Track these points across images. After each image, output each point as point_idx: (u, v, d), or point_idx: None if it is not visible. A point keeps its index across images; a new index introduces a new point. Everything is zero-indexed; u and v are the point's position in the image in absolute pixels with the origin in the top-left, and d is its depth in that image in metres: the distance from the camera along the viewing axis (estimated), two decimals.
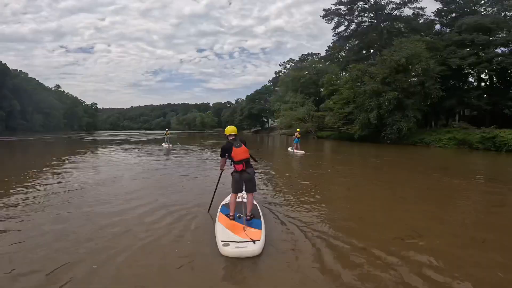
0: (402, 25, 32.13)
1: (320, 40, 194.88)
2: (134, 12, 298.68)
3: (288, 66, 66.96)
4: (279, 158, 18.16)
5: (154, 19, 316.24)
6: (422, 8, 32.43)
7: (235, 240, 4.05)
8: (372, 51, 33.33)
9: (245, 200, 5.20)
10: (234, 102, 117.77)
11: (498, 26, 27.69)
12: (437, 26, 35.56)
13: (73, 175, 10.13)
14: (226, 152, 4.91)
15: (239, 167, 4.81)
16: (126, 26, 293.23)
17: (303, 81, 46.12)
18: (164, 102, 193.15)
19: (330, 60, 47.31)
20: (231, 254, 3.83)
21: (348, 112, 33.72)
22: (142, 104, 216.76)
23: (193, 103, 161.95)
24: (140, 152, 19.97)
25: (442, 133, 30.07)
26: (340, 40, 38.83)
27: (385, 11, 31.57)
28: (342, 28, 35.87)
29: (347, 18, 34.26)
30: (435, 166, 14.65)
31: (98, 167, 12.59)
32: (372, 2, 31.86)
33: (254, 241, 3.97)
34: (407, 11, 31.79)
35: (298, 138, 19.12)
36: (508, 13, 29.10)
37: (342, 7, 32.95)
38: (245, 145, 4.87)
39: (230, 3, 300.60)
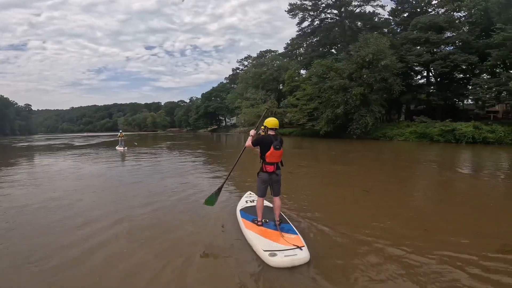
0: (363, 23, 32.80)
1: (273, 38, 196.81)
2: (76, 7, 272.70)
3: (245, 63, 65.90)
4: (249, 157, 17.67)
5: (99, 15, 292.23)
6: (383, 6, 33.81)
7: (280, 249, 3.81)
8: (336, 47, 33.53)
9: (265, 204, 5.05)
10: (188, 101, 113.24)
11: (450, 25, 29.38)
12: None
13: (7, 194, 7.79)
14: (261, 145, 4.50)
15: (271, 168, 4.50)
16: (66, 21, 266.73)
17: (264, 77, 45.20)
18: (110, 102, 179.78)
19: (289, 56, 47.13)
20: (281, 264, 3.59)
21: (313, 108, 33.46)
22: (84, 104, 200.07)
23: (143, 103, 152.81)
24: (91, 158, 17.15)
25: (403, 127, 31.19)
26: (304, 35, 38.59)
27: (349, 8, 31.89)
28: (306, 23, 35.75)
29: (312, 13, 34.04)
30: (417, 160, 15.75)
31: (38, 182, 9.87)
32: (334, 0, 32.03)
33: (300, 248, 3.81)
34: (369, 9, 32.90)
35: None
36: (456, 14, 31.12)
37: (308, 2, 32.70)
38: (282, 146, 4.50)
39: (183, 0, 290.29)
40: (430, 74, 33.69)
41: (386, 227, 5.01)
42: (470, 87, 32.94)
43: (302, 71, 46.93)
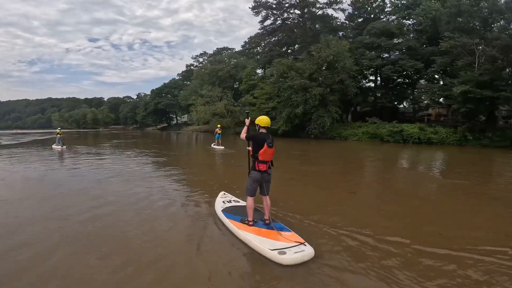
0: (323, 25, 33.40)
1: (228, 37, 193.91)
2: None
3: (201, 59, 63.71)
4: (206, 156, 17.17)
5: (36, 3, 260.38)
6: (344, 10, 34.82)
7: (285, 247, 3.85)
8: (296, 47, 33.63)
9: (240, 203, 5.49)
10: (135, 97, 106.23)
11: (400, 32, 31.29)
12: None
13: None
14: (254, 143, 4.48)
15: (263, 166, 4.48)
16: None
17: (220, 74, 43.80)
18: (43, 96, 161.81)
19: (246, 55, 46.47)
20: (293, 261, 3.64)
21: (271, 108, 33.18)
22: (13, 98, 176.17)
23: (83, 98, 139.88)
24: (26, 159, 14.54)
25: (355, 127, 32.48)
26: (266, 33, 38.14)
27: (311, 9, 32.17)
28: (268, 22, 35.29)
29: (275, 12, 33.67)
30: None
31: None
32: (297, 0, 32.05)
33: (304, 244, 3.93)
34: (328, 12, 33.49)
35: (219, 134, 19.53)
36: (405, 21, 33.33)
37: (272, 0, 32.33)
38: None
39: None
40: (379, 78, 35.67)
41: (372, 222, 5.27)
42: (415, 91, 35.77)
43: (260, 70, 46.70)
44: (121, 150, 19.77)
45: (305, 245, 3.90)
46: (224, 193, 6.28)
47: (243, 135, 4.65)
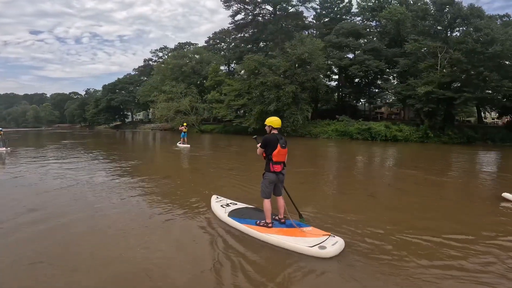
0: (295, 23, 33.05)
1: (186, 33, 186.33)
2: None
3: (160, 54, 60.15)
4: (172, 156, 15.82)
5: None
6: (316, 9, 34.81)
7: (320, 241, 3.96)
8: (269, 43, 32.80)
9: (239, 205, 5.46)
10: (83, 93, 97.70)
11: (367, 33, 32.20)
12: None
13: None
14: (268, 146, 4.45)
15: (278, 167, 4.48)
16: None
17: (184, 70, 41.50)
18: None
19: (210, 50, 44.68)
20: (334, 253, 3.78)
21: (241, 105, 32.12)
22: None
23: (22, 94, 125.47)
24: None
25: (324, 125, 32.79)
26: (236, 28, 36.73)
27: (284, 6, 31.52)
28: (239, 17, 33.94)
29: (247, 7, 32.49)
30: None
31: None
32: None
33: (332, 235, 4.12)
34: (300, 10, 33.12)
35: (184, 132, 19.14)
36: (370, 23, 34.47)
37: None
38: None
39: None
40: (343, 77, 36.55)
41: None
42: (376, 90, 37.29)
43: (224, 67, 45.31)
44: (76, 153, 17.10)
45: (333, 236, 4.12)
46: (217, 197, 5.94)
47: (258, 151, 4.58)
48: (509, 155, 19.04)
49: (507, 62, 24.79)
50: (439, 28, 27.11)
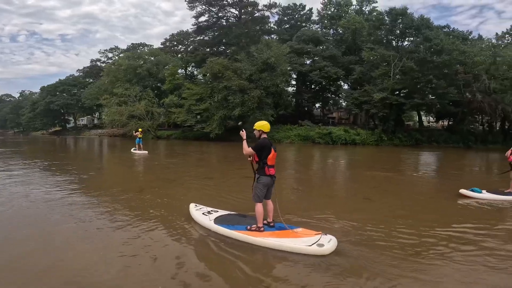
0: (259, 27, 32.84)
1: (138, 34, 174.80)
2: None
3: (110, 54, 55.79)
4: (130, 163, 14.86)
5: None
6: (280, 14, 34.90)
7: (316, 240, 4.13)
8: (233, 48, 32.01)
9: (221, 212, 5.31)
10: (17, 96, 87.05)
11: (327, 40, 33.35)
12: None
13: None
14: (263, 150, 4.45)
15: (273, 171, 4.55)
16: None
17: (139, 71, 38.91)
18: None
19: (167, 52, 42.58)
20: (331, 250, 4.01)
21: (203, 109, 31.00)
22: None
23: None
24: None
25: (287, 130, 33.16)
26: (198, 30, 35.25)
27: (251, 10, 31.04)
28: (202, 18, 32.57)
29: (212, 9, 31.29)
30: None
31: None
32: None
33: (324, 234, 4.31)
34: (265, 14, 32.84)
35: (139, 138, 18.64)
36: (327, 31, 35.81)
37: None
38: None
39: None
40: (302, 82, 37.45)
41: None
42: (332, 95, 38.84)
43: (181, 70, 43.61)
44: (13, 163, 14.77)
45: (325, 234, 4.32)
46: (196, 205, 5.66)
47: (247, 150, 4.50)
48: (454, 155, 21.89)
49: (450, 71, 27.42)
50: (391, 37, 29.08)
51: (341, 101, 39.67)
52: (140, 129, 20.08)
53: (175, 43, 44.54)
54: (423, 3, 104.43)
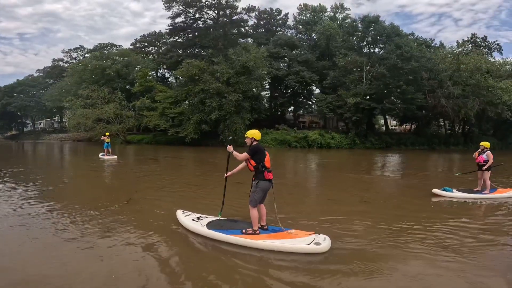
0: (236, 30, 32.39)
1: (103, 34, 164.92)
2: None
3: (75, 54, 52.35)
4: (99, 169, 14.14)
5: None
6: (258, 18, 34.44)
7: (313, 239, 4.32)
8: (209, 50, 31.17)
9: (210, 218, 5.21)
10: None
11: (302, 45, 33.76)
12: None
13: None
14: (258, 153, 4.57)
15: (271, 175, 4.61)
16: None
17: (108, 72, 36.84)
18: None
19: (137, 53, 40.76)
20: (328, 247, 4.23)
21: (178, 113, 30.02)
22: None
23: None
24: None
25: (262, 134, 32.90)
26: (172, 31, 33.92)
27: (229, 12, 30.42)
28: (179, 19, 31.30)
29: (189, 10, 30.18)
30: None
31: None
32: (215, 1, 29.83)
33: (317, 233, 4.52)
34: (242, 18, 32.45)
35: (107, 142, 17.85)
36: (302, 36, 36.32)
37: None
38: None
39: None
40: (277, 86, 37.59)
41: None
42: (305, 100, 39.38)
43: (152, 72, 42.12)
44: None
45: (318, 234, 4.51)
46: (184, 211, 5.54)
47: (241, 155, 4.59)
48: (422, 156, 23.58)
49: (417, 77, 28.82)
50: (364, 44, 30.09)
51: (312, 105, 40.39)
52: (107, 133, 19.37)
53: (146, 44, 42.90)
54: (387, 11, 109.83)
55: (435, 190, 8.23)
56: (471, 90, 28.23)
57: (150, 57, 42.69)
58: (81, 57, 50.05)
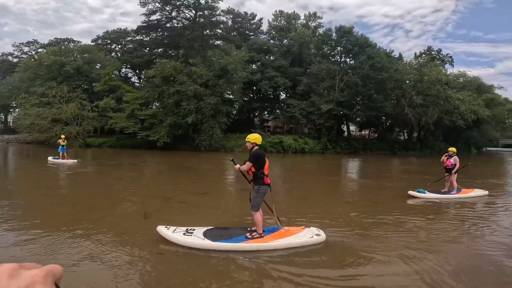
0: (213, 32, 31.44)
1: (55, 29, 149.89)
2: None
3: (26, 48, 46.90)
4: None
5: None
6: (236, 20, 33.66)
7: (311, 232, 5.00)
8: (181, 50, 29.73)
9: (199, 229, 5.03)
10: None
11: (275, 51, 34.02)
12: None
13: None
14: (259, 160, 4.71)
15: (269, 180, 4.81)
16: None
17: (67, 69, 33.54)
18: None
19: (100, 50, 37.79)
20: (325, 237, 4.95)
21: (149, 115, 28.37)
22: None
23: None
24: None
25: (236, 138, 32.61)
26: (146, 29, 31.71)
27: (205, 14, 29.27)
28: (154, 17, 29.30)
29: (166, 8, 28.39)
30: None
31: None
32: (194, 1, 28.56)
33: (307, 226, 5.30)
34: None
35: (63, 146, 17.02)
36: (274, 42, 36.66)
37: None
38: None
39: None
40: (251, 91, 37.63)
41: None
42: (281, 105, 39.77)
43: (119, 70, 39.55)
44: None
45: (309, 227, 5.18)
46: (167, 227, 5.06)
47: (245, 166, 4.71)
48: (387, 160, 25.77)
49: (386, 86, 30.66)
50: (336, 52, 31.27)
51: (279, 110, 40.95)
52: (62, 136, 18.27)
53: (109, 41, 40.12)
54: (347, 20, 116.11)
55: (410, 192, 8.99)
56: (431, 100, 30.71)
57: (113, 54, 40.00)
58: (33, 52, 45.28)
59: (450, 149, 9.52)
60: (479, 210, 8.09)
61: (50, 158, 17.07)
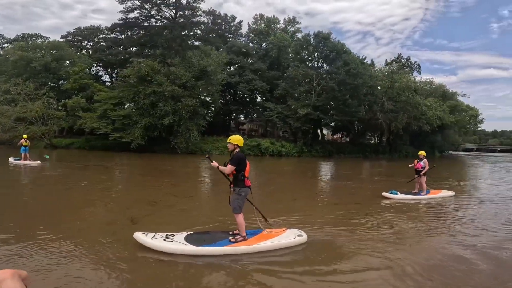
0: (193, 32, 30.90)
1: (21, 25, 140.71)
2: None
3: None
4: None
5: None
6: (217, 22, 33.26)
7: (293, 233, 5.09)
8: (158, 50, 28.92)
9: (183, 234, 4.92)
10: None
11: (254, 54, 34.22)
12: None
13: None
14: (241, 164, 4.68)
15: (249, 182, 4.80)
16: None
17: (34, 65, 31.69)
18: None
19: (71, 47, 36.02)
20: (307, 237, 5.10)
21: (123, 115, 27.47)
22: None
23: None
24: None
25: (213, 141, 32.39)
26: (122, 27, 30.40)
27: (186, 14, 28.65)
28: (132, 15, 28.20)
29: (145, 6, 27.39)
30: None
31: None
32: (175, 0, 27.90)
33: (289, 227, 5.39)
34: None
35: (25, 146, 16.22)
36: (253, 45, 36.90)
37: None
38: None
39: None
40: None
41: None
42: (256, 108, 40.04)
43: (90, 68, 37.96)
44: None
45: (290, 228, 5.33)
46: (145, 233, 4.79)
47: (227, 169, 4.65)
48: (360, 163, 26.72)
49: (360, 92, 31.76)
50: (314, 57, 32.03)
51: (254, 114, 41.21)
52: (25, 136, 17.34)
53: (80, 38, 38.44)
54: (322, 26, 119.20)
55: (384, 193, 9.51)
56: (400, 106, 32.24)
57: (84, 52, 38.41)
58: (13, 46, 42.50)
59: (420, 152, 10.13)
60: (447, 210, 8.71)
61: (11, 159, 16.28)
